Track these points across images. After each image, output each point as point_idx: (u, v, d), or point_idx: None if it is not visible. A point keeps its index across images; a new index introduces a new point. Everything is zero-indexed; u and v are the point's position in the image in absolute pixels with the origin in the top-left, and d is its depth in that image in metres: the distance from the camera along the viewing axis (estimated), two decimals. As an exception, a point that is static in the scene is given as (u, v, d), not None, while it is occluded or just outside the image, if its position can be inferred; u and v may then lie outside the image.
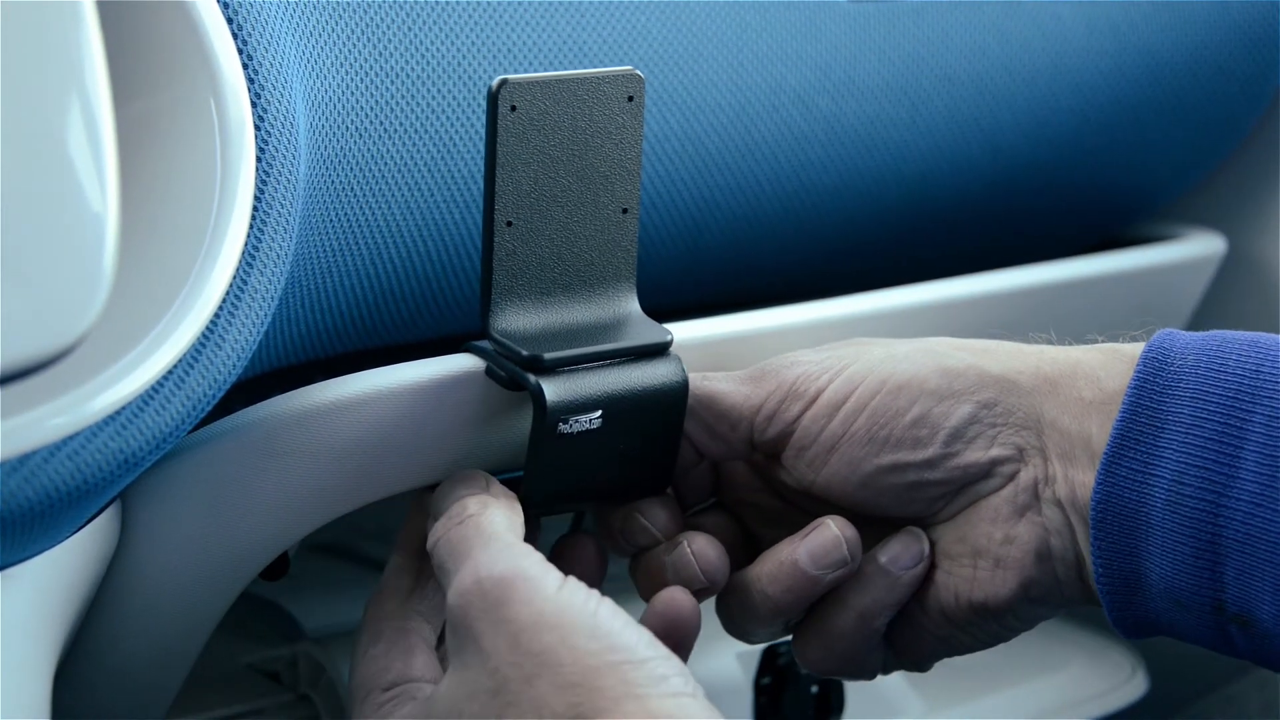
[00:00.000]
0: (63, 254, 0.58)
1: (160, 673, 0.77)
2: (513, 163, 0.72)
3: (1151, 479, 0.70)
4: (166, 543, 0.74)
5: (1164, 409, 0.71)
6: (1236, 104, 0.98)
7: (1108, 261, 0.94)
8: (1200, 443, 0.70)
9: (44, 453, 0.63)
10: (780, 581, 0.75)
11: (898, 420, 0.74)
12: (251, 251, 0.68)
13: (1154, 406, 0.71)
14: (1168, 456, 0.70)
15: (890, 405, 0.74)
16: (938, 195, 0.91)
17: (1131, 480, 0.71)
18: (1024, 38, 0.91)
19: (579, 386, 0.72)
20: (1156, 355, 0.72)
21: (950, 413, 0.73)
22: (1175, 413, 0.70)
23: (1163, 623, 0.72)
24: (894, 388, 0.74)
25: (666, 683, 0.65)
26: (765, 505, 0.79)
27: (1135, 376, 0.71)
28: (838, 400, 0.74)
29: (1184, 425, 0.70)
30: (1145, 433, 0.71)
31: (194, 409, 0.67)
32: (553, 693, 0.64)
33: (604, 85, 0.73)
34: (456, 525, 0.70)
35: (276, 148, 0.69)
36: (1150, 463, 0.70)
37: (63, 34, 0.58)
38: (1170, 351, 0.72)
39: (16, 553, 0.66)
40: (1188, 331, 0.73)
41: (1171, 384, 0.71)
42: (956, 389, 0.73)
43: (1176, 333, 0.73)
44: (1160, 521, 0.70)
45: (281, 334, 0.75)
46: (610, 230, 0.75)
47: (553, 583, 0.67)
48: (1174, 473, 0.70)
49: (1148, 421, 0.71)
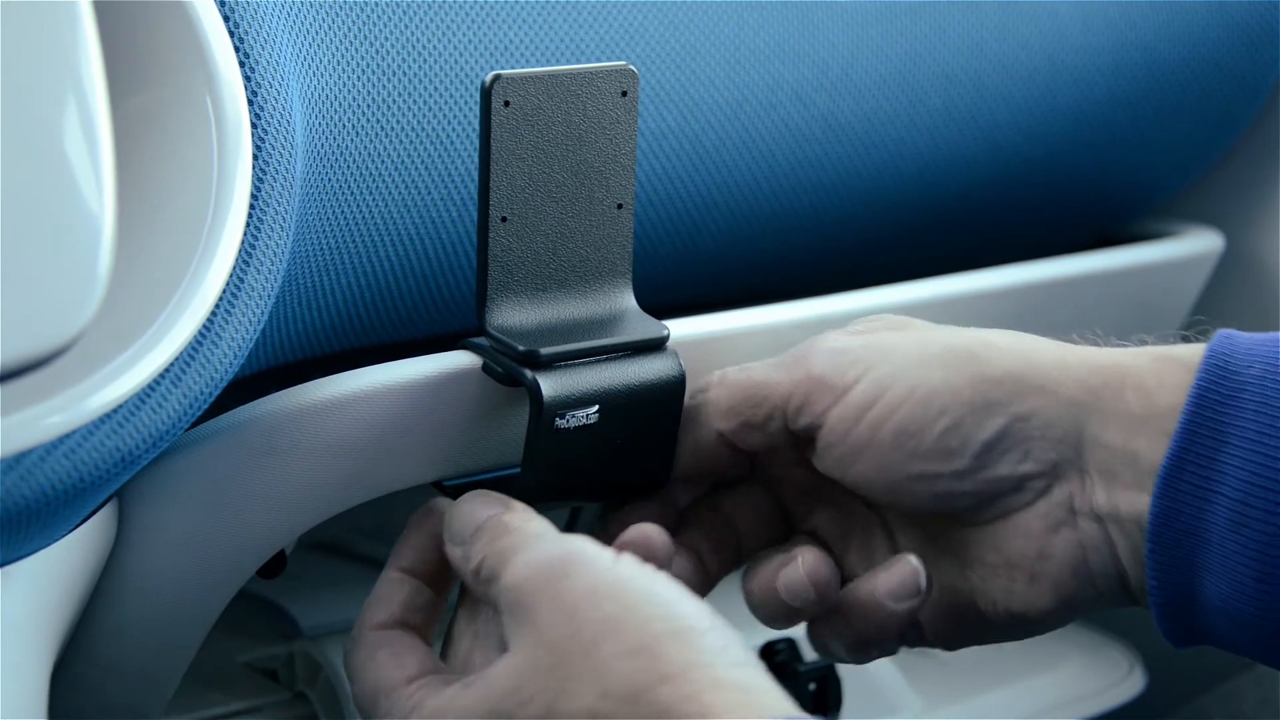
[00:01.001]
0: (59, 251, 0.58)
1: (157, 670, 0.77)
2: (507, 158, 0.72)
3: (1212, 497, 0.67)
4: (163, 540, 0.74)
5: (1225, 423, 0.67)
6: (1234, 100, 0.98)
7: (1105, 258, 0.94)
8: (1266, 460, 0.66)
9: (40, 450, 0.63)
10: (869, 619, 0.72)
11: (927, 431, 0.70)
12: (248, 249, 0.68)
13: (1215, 420, 0.67)
14: (1231, 474, 0.66)
15: (919, 415, 0.70)
16: (935, 192, 0.92)
17: (1191, 498, 0.67)
18: (1022, 35, 0.91)
19: (575, 382, 0.72)
20: (1217, 363, 0.68)
21: (983, 424, 0.70)
22: (1238, 427, 0.67)
23: (1217, 637, 0.69)
24: (924, 396, 0.70)
25: (728, 652, 0.62)
26: (800, 479, 0.75)
27: (1195, 387, 0.67)
28: (865, 403, 0.71)
29: (1248, 440, 0.66)
30: (1205, 448, 0.67)
31: (191, 407, 0.67)
32: (614, 660, 0.61)
33: (597, 80, 0.73)
34: (502, 537, 0.68)
35: (273, 146, 0.69)
36: (1211, 480, 0.67)
37: (59, 31, 0.58)
38: (1231, 358, 0.68)
39: (13, 551, 0.66)
40: (1247, 333, 0.69)
41: (1233, 394, 0.67)
42: (991, 399, 0.69)
43: (1236, 335, 0.69)
44: (1221, 542, 0.67)
45: (278, 332, 0.75)
46: (605, 225, 0.75)
47: (608, 557, 0.65)
48: (1238, 491, 0.66)
49: (1208, 436, 0.67)
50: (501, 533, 0.68)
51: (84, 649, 0.76)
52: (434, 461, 0.75)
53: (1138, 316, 0.98)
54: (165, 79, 0.68)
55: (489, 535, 0.68)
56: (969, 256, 0.94)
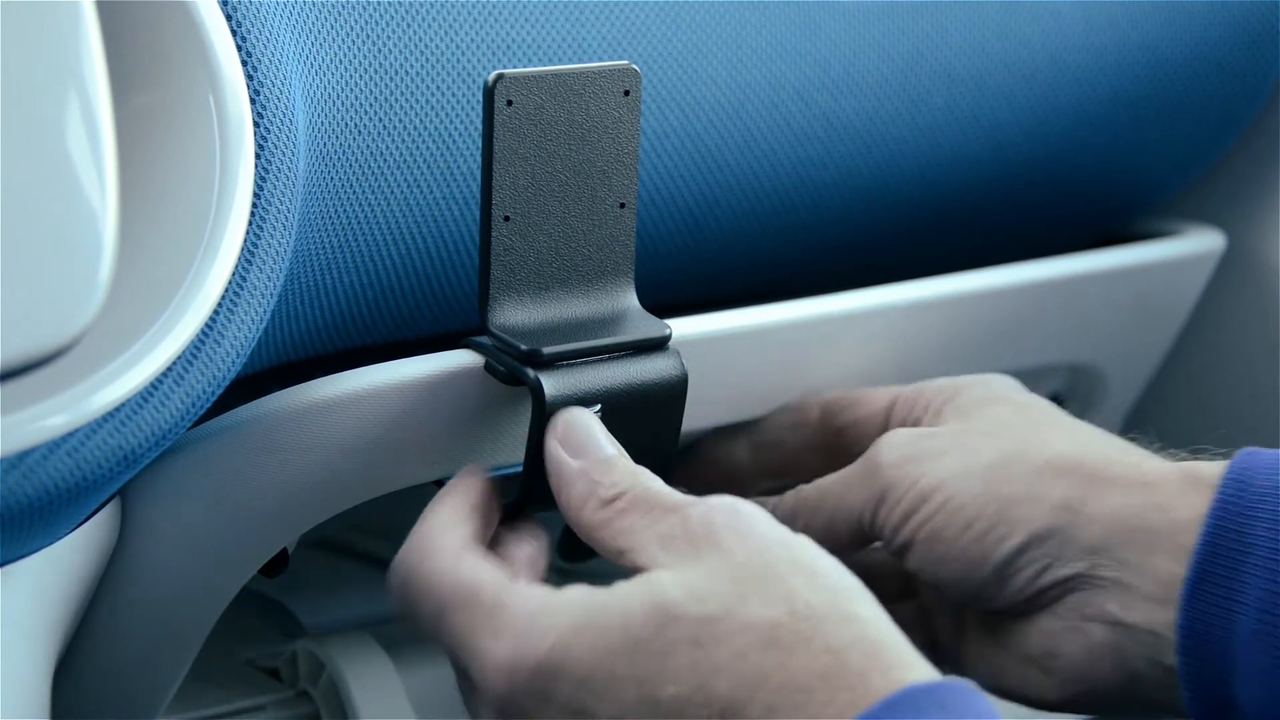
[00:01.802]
0: (61, 250, 0.58)
1: (159, 669, 0.77)
2: (509, 157, 0.72)
3: (1237, 608, 0.70)
4: (166, 539, 0.74)
5: (1246, 535, 0.70)
6: (1236, 100, 0.98)
7: (1106, 258, 0.94)
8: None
9: (43, 449, 0.63)
10: None
11: (954, 543, 0.74)
12: (251, 248, 0.68)
13: (1236, 532, 0.70)
14: (1252, 585, 0.69)
15: (948, 525, 0.75)
16: (937, 191, 0.91)
17: (1216, 610, 0.70)
18: (1023, 34, 0.91)
19: (578, 381, 0.72)
20: (1237, 478, 0.71)
21: (1004, 540, 0.74)
22: (1258, 538, 0.70)
23: None
24: (955, 508, 0.75)
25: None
26: None
27: (1216, 501, 0.71)
28: (910, 510, 0.75)
29: (1267, 551, 0.69)
30: (1227, 561, 0.70)
31: (193, 406, 0.67)
32: (804, 590, 0.64)
33: (600, 79, 0.73)
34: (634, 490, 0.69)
35: (275, 144, 0.69)
36: (1234, 592, 0.70)
37: (62, 30, 0.58)
38: (1251, 472, 0.71)
39: (15, 549, 0.66)
40: (1269, 450, 0.72)
41: (1253, 507, 0.70)
42: (1013, 517, 0.74)
43: (1258, 452, 0.72)
44: (1250, 651, 0.69)
45: (280, 330, 0.75)
46: (608, 225, 0.75)
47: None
48: (1261, 601, 0.69)
49: (1231, 548, 0.70)
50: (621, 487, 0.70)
51: (86, 648, 0.76)
52: (436, 460, 0.75)
53: (1138, 316, 0.98)
54: (168, 78, 0.68)
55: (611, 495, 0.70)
56: (970, 255, 0.94)
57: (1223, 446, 0.75)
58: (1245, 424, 1.03)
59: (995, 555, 0.74)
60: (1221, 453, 0.74)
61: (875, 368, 0.87)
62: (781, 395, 0.85)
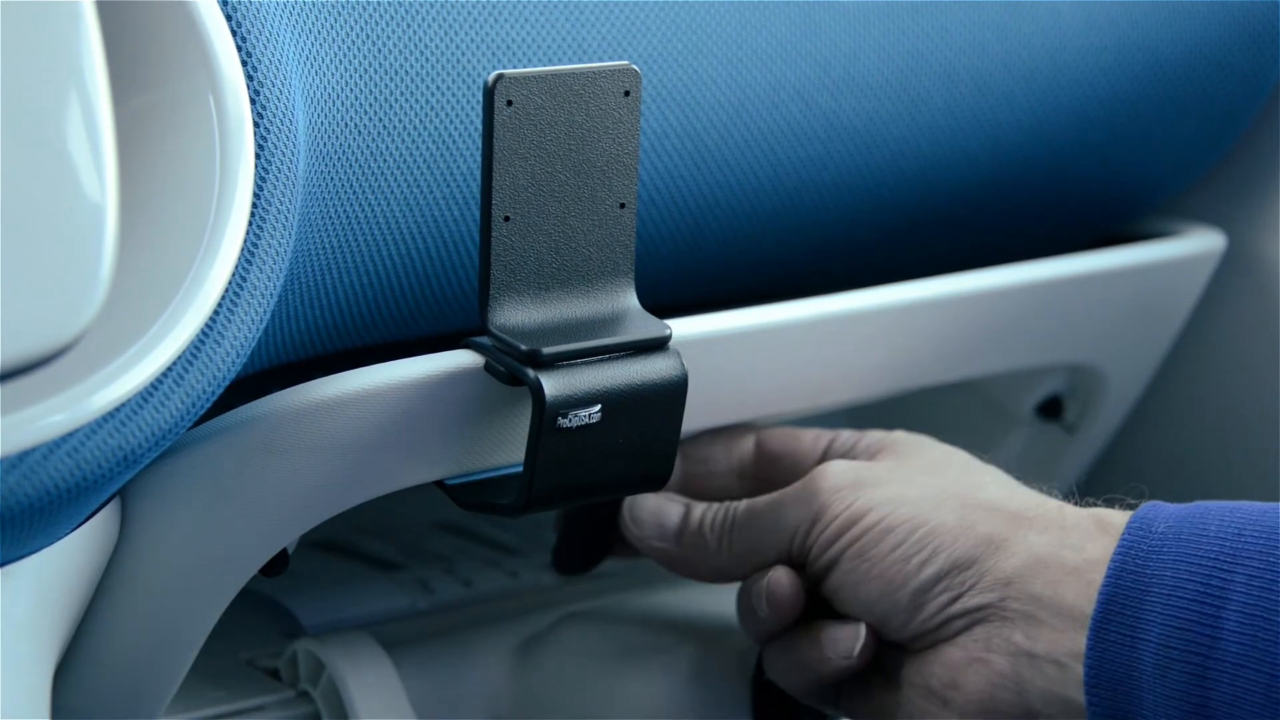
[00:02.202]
0: (62, 250, 0.58)
1: (160, 669, 0.77)
2: (509, 158, 0.72)
3: (1139, 642, 0.72)
4: (166, 539, 0.74)
5: (1147, 572, 0.73)
6: (1236, 100, 0.98)
7: (1107, 258, 0.94)
8: (1183, 606, 0.72)
9: (43, 449, 0.63)
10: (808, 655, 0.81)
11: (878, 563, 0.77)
12: (251, 248, 0.68)
13: (1137, 572, 0.73)
14: (1154, 621, 0.72)
15: (876, 545, 0.78)
16: (937, 192, 0.91)
17: (1120, 644, 0.73)
18: (1024, 34, 0.91)
19: (578, 381, 0.72)
20: (1140, 523, 0.74)
21: (925, 564, 0.77)
22: (1158, 577, 0.73)
23: None
24: (884, 529, 0.77)
25: None
26: None
27: (1121, 542, 0.74)
28: (841, 530, 0.78)
29: (1166, 589, 0.72)
30: (1130, 597, 0.73)
31: (193, 406, 0.67)
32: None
33: (600, 80, 0.73)
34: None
35: (275, 144, 0.69)
36: (1137, 627, 0.73)
37: (62, 30, 0.58)
38: (1153, 519, 0.74)
39: (16, 549, 0.66)
40: (1171, 504, 0.76)
41: (1155, 549, 0.73)
42: (936, 544, 0.77)
43: (1161, 504, 0.76)
44: (1151, 685, 0.72)
45: (281, 331, 0.76)
46: (608, 225, 0.75)
47: None
48: (1160, 636, 0.72)
49: (1133, 585, 0.73)
50: None
51: (86, 647, 0.76)
52: (436, 460, 0.75)
53: (1138, 316, 0.98)
54: (168, 78, 0.68)
55: None
56: (970, 255, 0.94)
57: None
58: (1245, 424, 1.04)
59: (915, 579, 0.76)
60: (1132, 503, 0.77)
61: (875, 368, 0.88)
62: (781, 395, 0.85)
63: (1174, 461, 1.07)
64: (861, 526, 0.78)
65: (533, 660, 0.87)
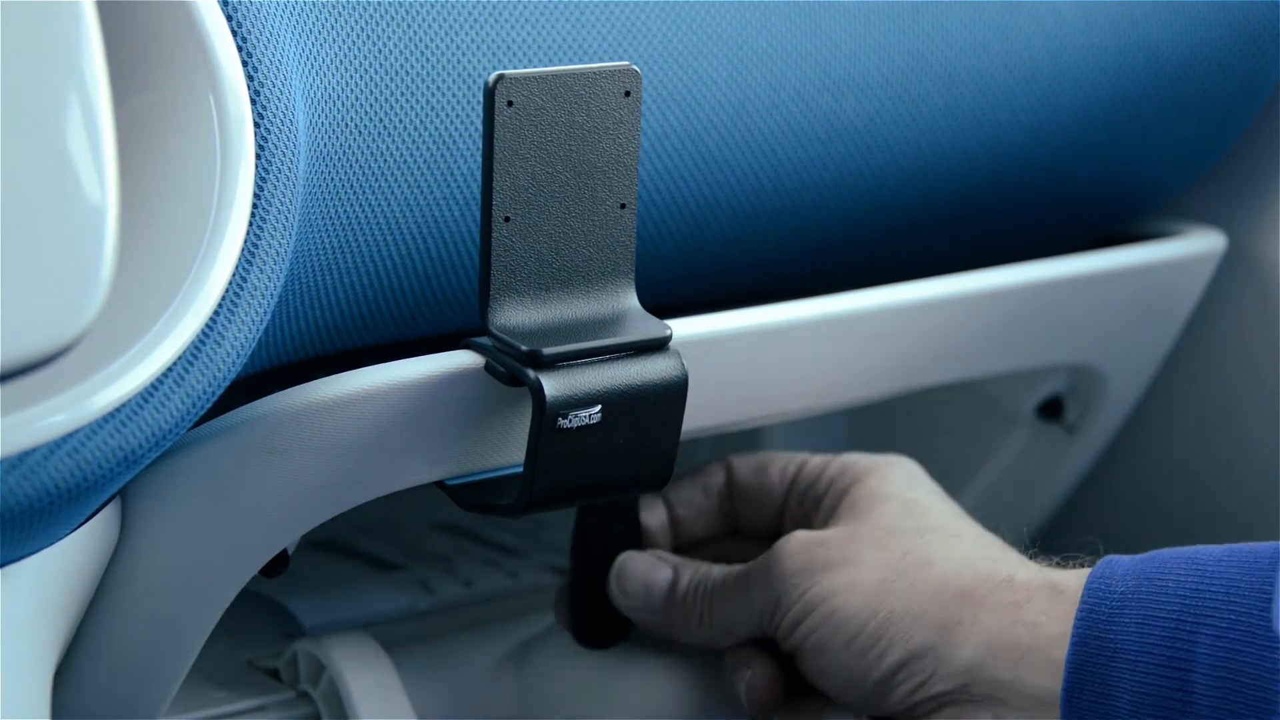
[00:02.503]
0: (62, 251, 0.58)
1: (160, 669, 0.77)
2: (510, 158, 0.72)
3: (1112, 713, 0.73)
4: (166, 540, 0.74)
5: (1111, 639, 0.73)
6: (1236, 100, 0.98)
7: (1107, 258, 0.94)
8: (1150, 672, 0.72)
9: (43, 450, 0.63)
10: None
11: (837, 656, 0.78)
12: (251, 249, 0.68)
13: (1100, 640, 0.73)
14: (1124, 689, 0.72)
15: (833, 639, 0.78)
16: (938, 192, 0.91)
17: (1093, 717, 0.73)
18: (1024, 34, 0.91)
19: (578, 382, 0.72)
20: (1098, 583, 0.74)
21: (883, 657, 0.77)
22: (1123, 643, 0.73)
23: None
24: (839, 622, 0.78)
25: None
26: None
27: (1080, 608, 0.74)
28: (799, 618, 0.79)
29: (1131, 655, 0.72)
30: (1097, 669, 0.73)
31: (194, 406, 0.67)
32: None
33: (601, 80, 0.73)
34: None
35: (276, 145, 0.69)
36: (1108, 697, 0.73)
37: (62, 30, 0.58)
38: (1110, 578, 0.74)
39: (16, 550, 0.66)
40: (1126, 556, 0.75)
41: (1115, 612, 0.73)
42: (891, 637, 0.77)
43: (1116, 559, 0.75)
44: None
45: (281, 331, 0.75)
46: (608, 225, 0.75)
47: None
48: (1133, 704, 0.72)
49: (1097, 655, 0.73)
50: None
51: (86, 648, 0.76)
52: (436, 461, 0.75)
53: (1139, 316, 0.98)
54: (168, 79, 0.68)
55: None
56: (971, 256, 0.94)
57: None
58: (1245, 424, 1.04)
59: (875, 671, 0.77)
60: (1088, 560, 0.77)
61: (876, 368, 0.88)
62: (782, 396, 0.85)
63: (1174, 462, 1.07)
64: (817, 618, 0.78)
65: (533, 661, 0.87)
